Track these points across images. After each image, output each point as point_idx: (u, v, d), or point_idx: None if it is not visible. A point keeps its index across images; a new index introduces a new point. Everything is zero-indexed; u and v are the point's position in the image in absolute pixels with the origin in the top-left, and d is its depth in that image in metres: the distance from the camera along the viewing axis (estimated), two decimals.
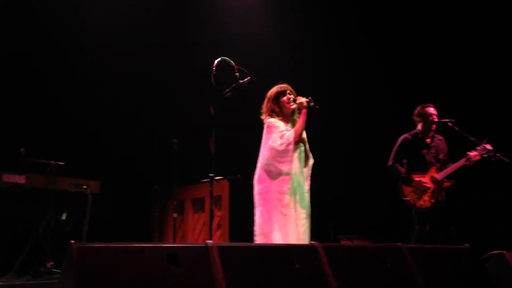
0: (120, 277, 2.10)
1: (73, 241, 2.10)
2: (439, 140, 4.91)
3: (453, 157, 4.79)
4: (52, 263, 4.84)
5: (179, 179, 5.34)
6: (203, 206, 6.12)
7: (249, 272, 2.49)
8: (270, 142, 3.73)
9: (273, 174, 3.70)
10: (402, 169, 4.76)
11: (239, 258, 2.53)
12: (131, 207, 6.70)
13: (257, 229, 3.71)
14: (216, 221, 5.63)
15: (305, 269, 2.67)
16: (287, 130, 3.81)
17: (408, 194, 4.67)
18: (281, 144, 3.69)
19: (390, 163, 4.84)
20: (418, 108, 4.91)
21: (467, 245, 3.49)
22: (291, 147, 3.68)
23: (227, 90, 3.68)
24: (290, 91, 3.92)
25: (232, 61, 3.56)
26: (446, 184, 4.66)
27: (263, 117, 3.93)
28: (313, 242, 2.83)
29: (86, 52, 6.26)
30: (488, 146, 4.63)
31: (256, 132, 4.12)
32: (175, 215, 5.33)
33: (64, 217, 5.38)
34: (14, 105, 5.80)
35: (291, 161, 3.71)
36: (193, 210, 6.30)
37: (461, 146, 4.72)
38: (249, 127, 4.38)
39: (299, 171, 3.76)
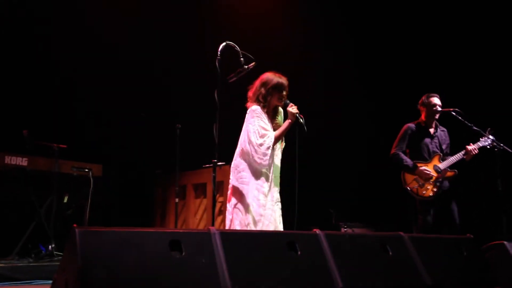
0: (122, 262, 2.10)
1: (75, 225, 2.09)
2: (442, 131, 4.90)
3: (456, 148, 4.77)
4: (54, 245, 4.86)
5: (181, 164, 5.33)
6: (205, 191, 6.12)
7: (251, 258, 2.49)
8: (251, 133, 3.54)
9: (252, 168, 3.56)
10: (405, 157, 4.75)
11: (242, 244, 2.52)
12: (133, 191, 6.73)
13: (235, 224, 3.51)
14: (217, 207, 5.64)
15: (307, 256, 2.67)
16: (268, 131, 3.61)
17: (411, 183, 4.66)
18: (261, 145, 3.51)
19: (393, 151, 4.83)
20: (423, 97, 4.88)
21: (469, 235, 3.49)
22: (269, 152, 3.52)
23: (232, 75, 3.64)
24: (287, 89, 3.70)
25: (236, 46, 3.52)
26: (449, 173, 4.65)
27: (250, 95, 3.71)
28: (316, 229, 2.83)
29: (91, 35, 6.22)
30: (491, 137, 4.60)
31: None
32: (176, 200, 5.34)
33: (66, 200, 5.39)
34: (17, 87, 5.79)
35: (269, 163, 3.58)
36: (194, 195, 6.31)
37: (466, 138, 4.69)
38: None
39: (274, 164, 3.66)
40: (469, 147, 4.59)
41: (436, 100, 4.80)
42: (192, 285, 2.24)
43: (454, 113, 4.72)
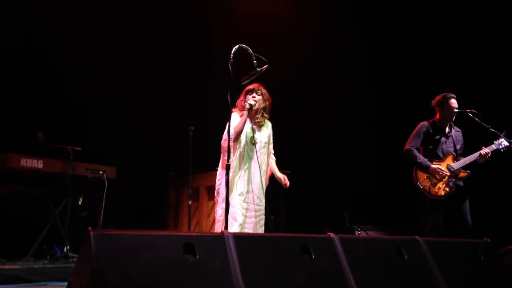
0: (136, 265, 2.11)
1: (90, 228, 2.10)
2: (456, 131, 4.84)
3: (471, 149, 4.71)
4: (69, 247, 4.90)
5: (194, 166, 5.34)
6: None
7: (265, 262, 2.48)
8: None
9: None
10: (419, 154, 4.69)
11: (255, 247, 2.51)
12: (146, 193, 6.76)
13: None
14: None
15: (321, 260, 2.64)
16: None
17: (423, 180, 4.60)
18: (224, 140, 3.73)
19: (407, 147, 4.76)
20: (440, 97, 4.81)
21: (486, 238, 3.43)
22: (226, 144, 3.60)
23: (245, 77, 3.64)
24: (255, 92, 3.93)
25: (250, 49, 3.52)
26: (462, 174, 4.59)
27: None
28: (330, 233, 2.80)
29: (103, 37, 6.27)
30: (505, 141, 4.54)
31: (272, 120, 4.09)
32: (190, 202, 5.35)
33: (81, 202, 5.44)
34: (32, 90, 5.85)
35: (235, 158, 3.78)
36: (208, 198, 6.31)
37: (480, 139, 4.63)
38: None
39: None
40: (483, 152, 4.53)
41: (454, 103, 4.74)
42: None
43: (471, 115, 4.65)
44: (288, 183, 4.04)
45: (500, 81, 5.89)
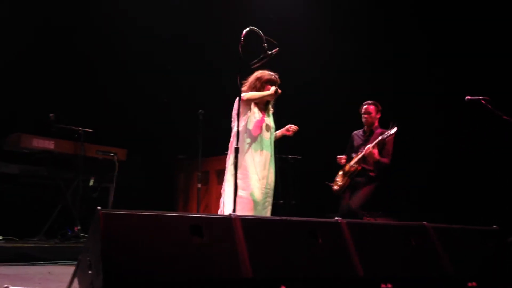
0: (144, 244, 2.13)
1: (99, 208, 2.12)
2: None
3: None
4: (80, 227, 4.97)
5: (204, 150, 5.36)
6: None
7: (272, 245, 2.48)
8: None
9: None
10: None
11: (262, 230, 2.52)
12: (156, 176, 6.80)
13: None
14: None
15: (328, 244, 2.65)
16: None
17: None
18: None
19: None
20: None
21: (495, 226, 3.41)
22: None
23: (255, 61, 3.62)
24: (278, 85, 3.91)
25: (260, 32, 3.49)
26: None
27: (244, 88, 3.88)
28: (337, 218, 2.80)
29: (116, 24, 6.27)
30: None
31: (282, 104, 4.07)
32: (199, 185, 5.38)
33: (91, 183, 5.49)
34: (45, 71, 5.88)
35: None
36: (217, 181, 6.34)
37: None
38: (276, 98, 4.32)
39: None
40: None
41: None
42: (212, 270, 2.25)
43: (483, 101, 4.58)
44: (295, 127, 4.05)
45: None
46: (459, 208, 5.47)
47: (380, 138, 4.66)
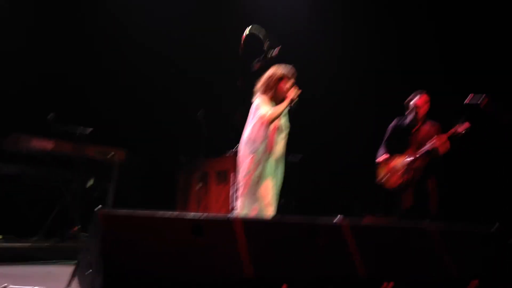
0: (144, 245, 2.11)
1: (99, 208, 2.11)
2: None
3: None
4: (79, 227, 4.95)
5: (205, 150, 5.34)
6: (227, 178, 6.12)
7: (272, 246, 2.47)
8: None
9: None
10: None
11: (263, 232, 2.51)
12: (156, 176, 6.78)
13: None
14: None
15: (329, 245, 2.64)
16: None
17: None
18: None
19: None
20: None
21: (498, 226, 3.39)
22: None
23: (256, 60, 3.60)
24: (294, 78, 3.71)
25: (262, 29, 3.47)
26: None
27: (258, 87, 3.71)
28: (339, 219, 2.79)
29: (117, 23, 6.26)
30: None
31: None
32: (199, 186, 5.35)
33: (91, 183, 5.47)
34: (44, 71, 5.86)
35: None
36: (216, 182, 6.32)
37: None
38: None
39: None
40: None
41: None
42: (213, 271, 2.24)
43: (482, 106, 4.55)
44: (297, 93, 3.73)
45: None
46: (459, 208, 5.46)
47: (456, 130, 4.45)
